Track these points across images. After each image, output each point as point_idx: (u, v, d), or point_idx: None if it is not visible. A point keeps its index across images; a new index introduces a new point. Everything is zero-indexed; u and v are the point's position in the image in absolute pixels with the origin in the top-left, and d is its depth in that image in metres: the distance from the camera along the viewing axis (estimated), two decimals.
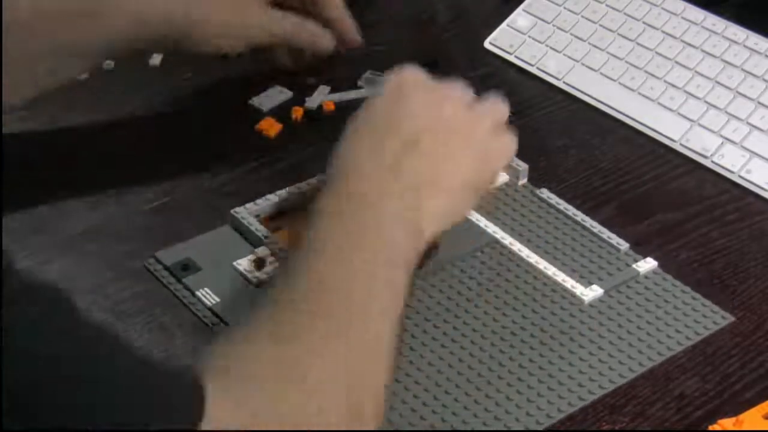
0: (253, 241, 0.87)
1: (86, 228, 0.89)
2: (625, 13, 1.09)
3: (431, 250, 0.78)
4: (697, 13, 1.07)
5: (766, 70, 1.02)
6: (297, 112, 1.01)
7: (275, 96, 1.03)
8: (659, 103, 1.03)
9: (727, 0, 1.12)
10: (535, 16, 1.12)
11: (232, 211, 0.88)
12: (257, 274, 0.84)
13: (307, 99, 1.03)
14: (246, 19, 0.92)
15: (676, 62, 1.05)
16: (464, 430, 0.74)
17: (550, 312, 0.83)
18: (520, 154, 0.95)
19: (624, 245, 0.88)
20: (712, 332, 0.82)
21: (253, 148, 0.97)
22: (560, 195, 0.93)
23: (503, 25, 1.12)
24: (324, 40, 0.94)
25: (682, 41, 1.06)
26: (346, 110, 0.81)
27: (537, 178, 0.95)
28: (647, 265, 0.87)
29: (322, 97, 1.03)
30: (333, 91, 1.04)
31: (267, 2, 0.93)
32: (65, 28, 0.86)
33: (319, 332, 0.64)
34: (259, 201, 0.90)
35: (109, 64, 1.06)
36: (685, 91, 1.03)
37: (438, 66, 0.86)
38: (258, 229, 0.87)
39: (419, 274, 0.80)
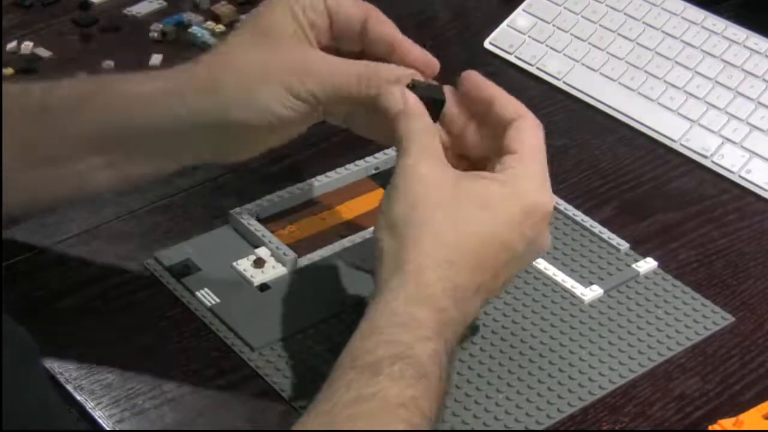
0: (253, 242, 0.86)
1: (86, 228, 0.89)
2: (625, 13, 1.09)
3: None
4: (697, 13, 1.07)
5: (766, 70, 1.02)
6: None
7: None
8: (659, 103, 1.03)
9: (727, 0, 1.12)
10: (535, 16, 1.12)
11: (232, 211, 0.88)
12: (257, 274, 0.84)
13: None
14: (306, 65, 0.74)
15: (676, 62, 1.05)
16: (464, 430, 0.74)
17: (550, 312, 0.83)
18: None
19: (624, 245, 0.88)
20: (712, 332, 0.82)
21: None
22: (560, 195, 0.93)
23: (503, 25, 1.12)
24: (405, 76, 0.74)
25: (682, 41, 1.06)
26: None
27: None
28: (647, 265, 0.87)
29: None
30: None
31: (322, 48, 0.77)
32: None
33: None
34: (259, 201, 0.90)
35: (108, 64, 1.06)
36: (685, 91, 1.02)
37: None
38: (258, 229, 0.87)
39: None
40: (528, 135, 0.74)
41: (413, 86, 0.75)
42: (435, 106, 0.75)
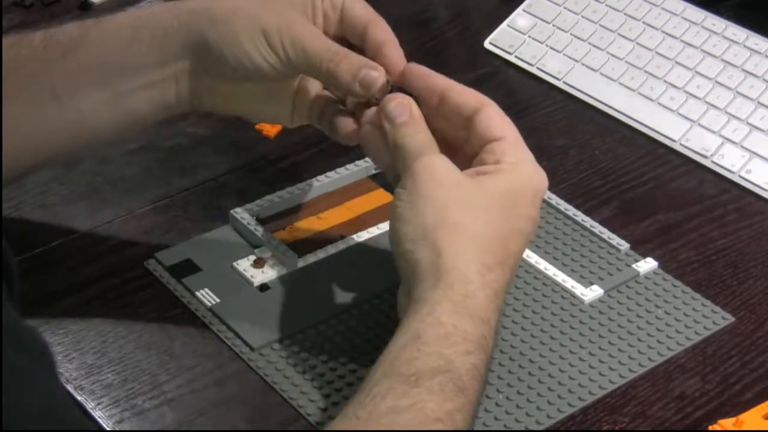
0: (253, 242, 0.86)
1: (86, 228, 0.89)
2: (625, 13, 1.09)
3: None
4: (697, 13, 1.07)
5: (766, 70, 1.02)
6: None
7: None
8: (659, 103, 1.03)
9: (727, 0, 1.12)
10: (535, 16, 1.12)
11: (232, 212, 0.88)
12: (257, 274, 0.84)
13: None
14: (291, 26, 0.76)
15: (676, 62, 1.05)
16: (464, 431, 0.74)
17: (550, 312, 0.83)
18: None
19: (624, 245, 0.88)
20: (712, 332, 0.82)
21: (253, 148, 0.97)
22: (560, 195, 0.93)
23: (503, 25, 1.12)
24: (375, 73, 0.76)
25: (682, 41, 1.06)
26: None
27: None
28: (647, 265, 0.87)
29: None
30: None
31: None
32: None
33: None
34: (259, 201, 0.90)
35: None
36: (685, 91, 1.03)
37: None
38: (258, 229, 0.87)
39: None
40: (503, 119, 0.75)
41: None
42: None
